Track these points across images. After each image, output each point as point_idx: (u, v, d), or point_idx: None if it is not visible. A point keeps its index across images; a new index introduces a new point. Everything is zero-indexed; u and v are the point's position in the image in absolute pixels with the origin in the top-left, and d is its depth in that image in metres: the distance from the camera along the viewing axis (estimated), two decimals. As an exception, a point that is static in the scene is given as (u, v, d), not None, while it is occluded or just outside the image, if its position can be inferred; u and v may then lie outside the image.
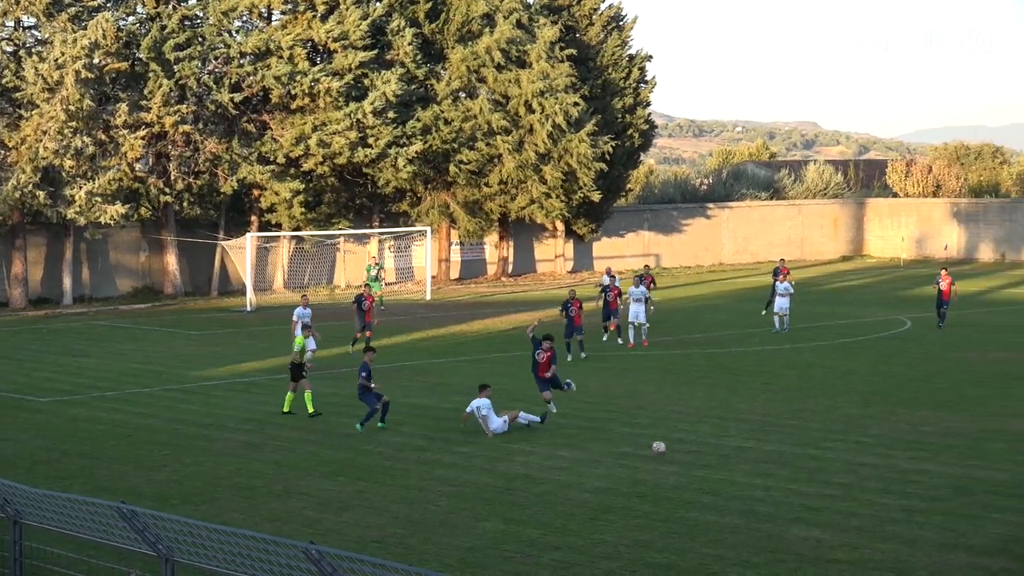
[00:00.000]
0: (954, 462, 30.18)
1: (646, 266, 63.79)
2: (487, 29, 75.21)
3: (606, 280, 52.94)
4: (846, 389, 40.42)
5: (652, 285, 54.54)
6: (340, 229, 75.15)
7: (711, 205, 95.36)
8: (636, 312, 49.59)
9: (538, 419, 33.86)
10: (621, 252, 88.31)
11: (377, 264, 68.78)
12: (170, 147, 68.75)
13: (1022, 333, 54.12)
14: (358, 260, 77.25)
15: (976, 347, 49.73)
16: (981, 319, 58.65)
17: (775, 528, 24.63)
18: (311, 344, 43.04)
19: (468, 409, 33.75)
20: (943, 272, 55.68)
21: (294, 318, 44.89)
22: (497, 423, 33.51)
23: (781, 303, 53.24)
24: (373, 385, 33.92)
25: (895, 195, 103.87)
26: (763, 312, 56.92)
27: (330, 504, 26.79)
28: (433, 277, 75.66)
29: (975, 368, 44.69)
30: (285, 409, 36.49)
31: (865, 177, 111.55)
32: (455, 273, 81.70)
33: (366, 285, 53.39)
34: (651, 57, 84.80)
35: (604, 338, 50.20)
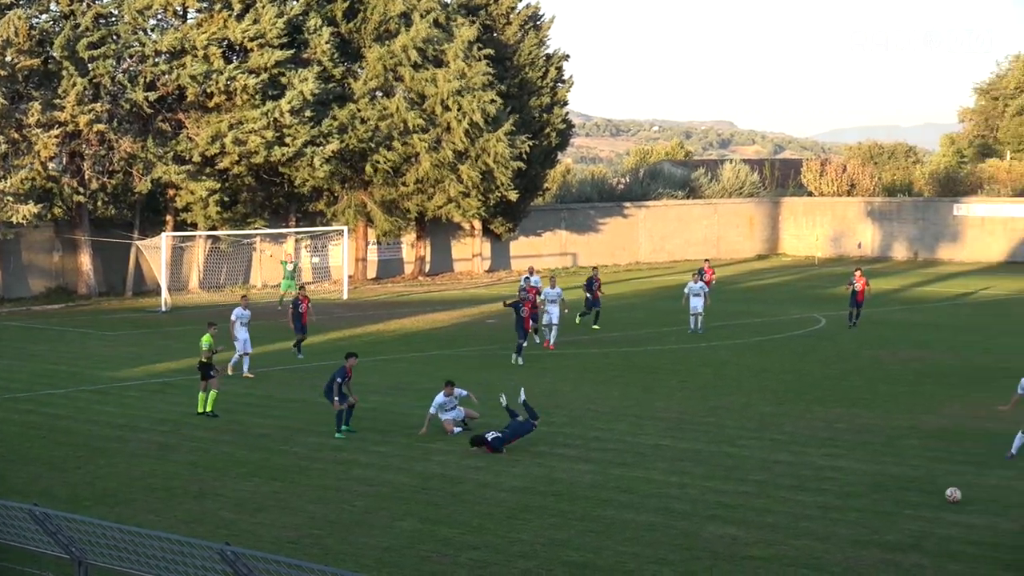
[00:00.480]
0: (868, 459, 30.49)
1: (594, 268, 62.77)
2: (404, 28, 75.02)
3: (534, 281, 52.95)
4: (761, 387, 40.71)
5: (600, 289, 55.53)
6: (256, 229, 74.65)
7: (628, 204, 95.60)
8: (552, 313, 49.66)
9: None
10: (538, 251, 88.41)
11: (293, 262, 68.48)
12: (84, 146, 67.96)
13: (935, 331, 54.70)
14: (274, 260, 76.85)
15: (889, 345, 50.18)
16: (894, 317, 59.20)
17: (691, 526, 24.78)
18: (246, 347, 42.93)
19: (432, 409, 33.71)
20: (857, 272, 56.03)
21: (232, 318, 44.14)
22: (453, 414, 33.56)
23: (695, 303, 53.45)
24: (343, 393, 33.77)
25: (810, 194, 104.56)
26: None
27: (246, 505, 26.68)
28: (350, 277, 75.35)
29: (888, 366, 45.10)
30: (199, 409, 36.30)
31: (780, 176, 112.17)
32: (372, 273, 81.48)
33: (301, 287, 52.44)
34: (568, 56, 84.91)
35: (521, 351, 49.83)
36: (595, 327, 54.24)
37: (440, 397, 33.69)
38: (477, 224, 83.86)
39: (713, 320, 54.69)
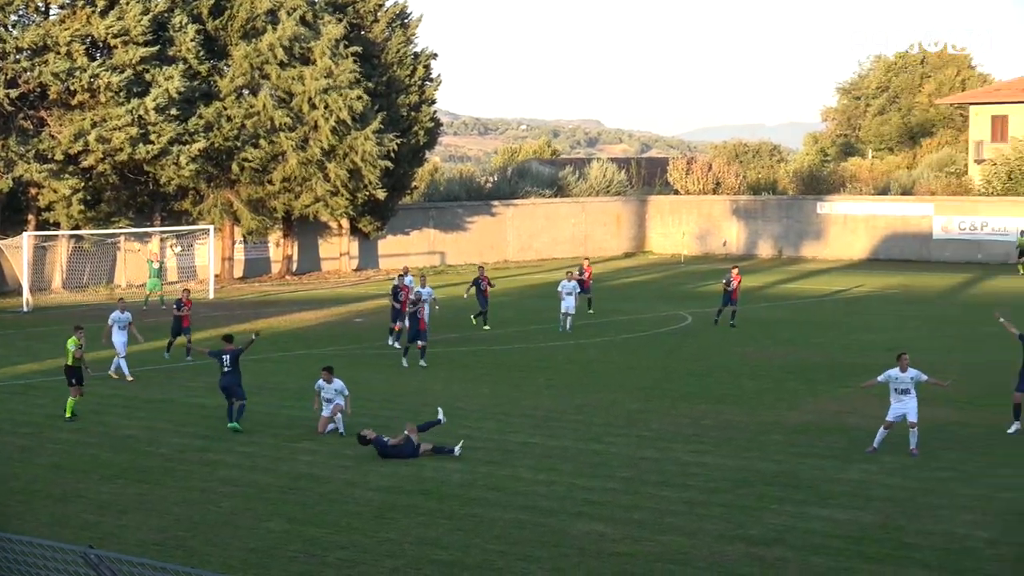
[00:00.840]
0: (733, 455, 30.80)
1: (480, 266, 62.71)
2: (271, 26, 74.62)
3: (408, 281, 52.25)
4: (628, 384, 40.96)
5: (489, 285, 55.00)
6: (121, 228, 73.83)
7: (496, 203, 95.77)
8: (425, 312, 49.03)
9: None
10: (407, 250, 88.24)
11: (159, 261, 67.79)
12: (-59, 144, 66.85)
13: (799, 328, 55.40)
14: (139, 259, 76.14)
15: (754, 342, 50.73)
16: (759, 314, 59.85)
17: (558, 523, 24.88)
18: (122, 350, 42.28)
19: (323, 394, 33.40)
20: (734, 271, 56.38)
21: (109, 322, 43.20)
22: (329, 408, 33.36)
23: (568, 302, 53.25)
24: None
25: (676, 192, 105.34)
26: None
27: (110, 507, 26.36)
28: (216, 276, 74.74)
29: (753, 363, 45.58)
30: (68, 415, 35.67)
31: (647, 175, 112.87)
32: (239, 272, 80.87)
33: (186, 290, 50.08)
34: (436, 55, 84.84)
35: (390, 340, 49.79)
36: (486, 327, 53.94)
37: (320, 384, 33.43)
38: (345, 223, 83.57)
39: (580, 318, 54.87)
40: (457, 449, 30.23)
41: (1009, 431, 30.26)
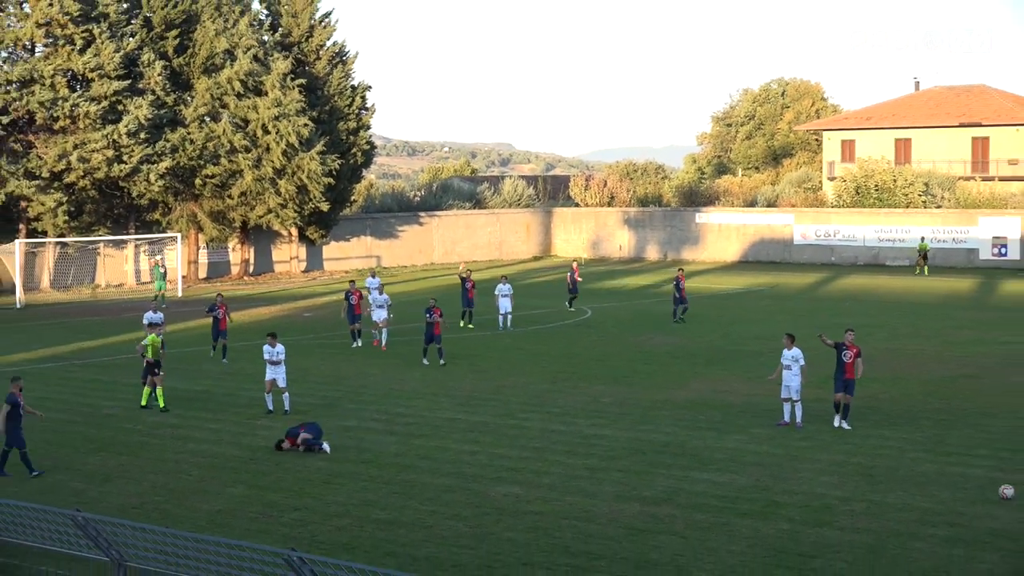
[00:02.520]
0: (628, 427, 30.92)
1: (466, 268, 61.21)
2: (228, 62, 74.38)
3: (376, 283, 50.68)
4: (538, 368, 40.98)
5: (474, 288, 52.59)
6: (100, 236, 73.26)
7: (423, 214, 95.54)
8: (379, 315, 46.82)
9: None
10: (347, 254, 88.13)
11: (162, 265, 66.81)
12: (-58, 164, 65.87)
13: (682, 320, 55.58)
14: (116, 263, 75.70)
15: (645, 331, 50.90)
16: (648, 308, 60.08)
17: (481, 486, 24.91)
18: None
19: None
20: (680, 271, 55.51)
21: (144, 321, 41.38)
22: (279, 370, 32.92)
23: (504, 304, 51.47)
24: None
25: (577, 205, 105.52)
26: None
27: (94, 477, 26.14)
28: (184, 277, 74.39)
29: (645, 349, 45.72)
30: (143, 403, 33.95)
31: (552, 190, 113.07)
32: (203, 273, 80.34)
33: (219, 295, 46.18)
34: (371, 87, 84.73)
35: (355, 344, 47.18)
36: (470, 326, 51.78)
37: (266, 347, 33.08)
38: (294, 231, 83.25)
39: (495, 312, 54.51)
40: (326, 446, 28.48)
41: (836, 424, 30.15)
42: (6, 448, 26.33)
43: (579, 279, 59.90)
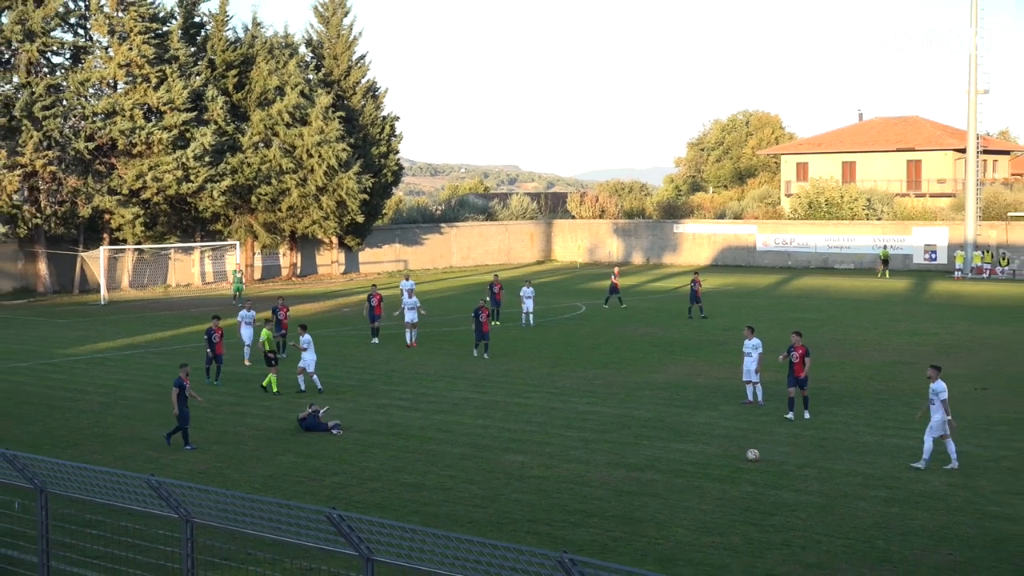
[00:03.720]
0: (616, 405, 30.90)
1: (492, 277, 58.91)
2: (279, 97, 74.50)
3: (410, 285, 49.24)
4: (541, 355, 40.98)
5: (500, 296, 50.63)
6: (171, 243, 73.42)
7: (443, 225, 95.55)
8: (411, 317, 44.47)
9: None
10: (380, 259, 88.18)
11: (240, 270, 66.40)
12: (40, 183, 65.92)
13: (662, 314, 55.48)
14: (184, 266, 75.88)
15: (631, 324, 50.86)
16: (634, 304, 60.01)
17: (491, 455, 24.90)
18: (248, 340, 39.66)
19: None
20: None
21: (238, 319, 40.97)
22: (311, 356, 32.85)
23: (528, 304, 50.11)
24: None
25: (573, 217, 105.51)
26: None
27: (166, 447, 26.13)
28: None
29: (629, 339, 45.68)
30: (273, 389, 33.13)
31: (552, 204, 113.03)
32: (258, 275, 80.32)
33: (280, 298, 42.25)
34: (399, 117, 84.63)
35: (374, 340, 45.45)
36: (496, 323, 49.42)
37: (305, 336, 32.89)
38: (334, 239, 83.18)
39: (508, 307, 54.05)
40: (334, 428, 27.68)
41: (788, 417, 29.30)
42: (184, 426, 25.93)
43: (617, 282, 58.72)
